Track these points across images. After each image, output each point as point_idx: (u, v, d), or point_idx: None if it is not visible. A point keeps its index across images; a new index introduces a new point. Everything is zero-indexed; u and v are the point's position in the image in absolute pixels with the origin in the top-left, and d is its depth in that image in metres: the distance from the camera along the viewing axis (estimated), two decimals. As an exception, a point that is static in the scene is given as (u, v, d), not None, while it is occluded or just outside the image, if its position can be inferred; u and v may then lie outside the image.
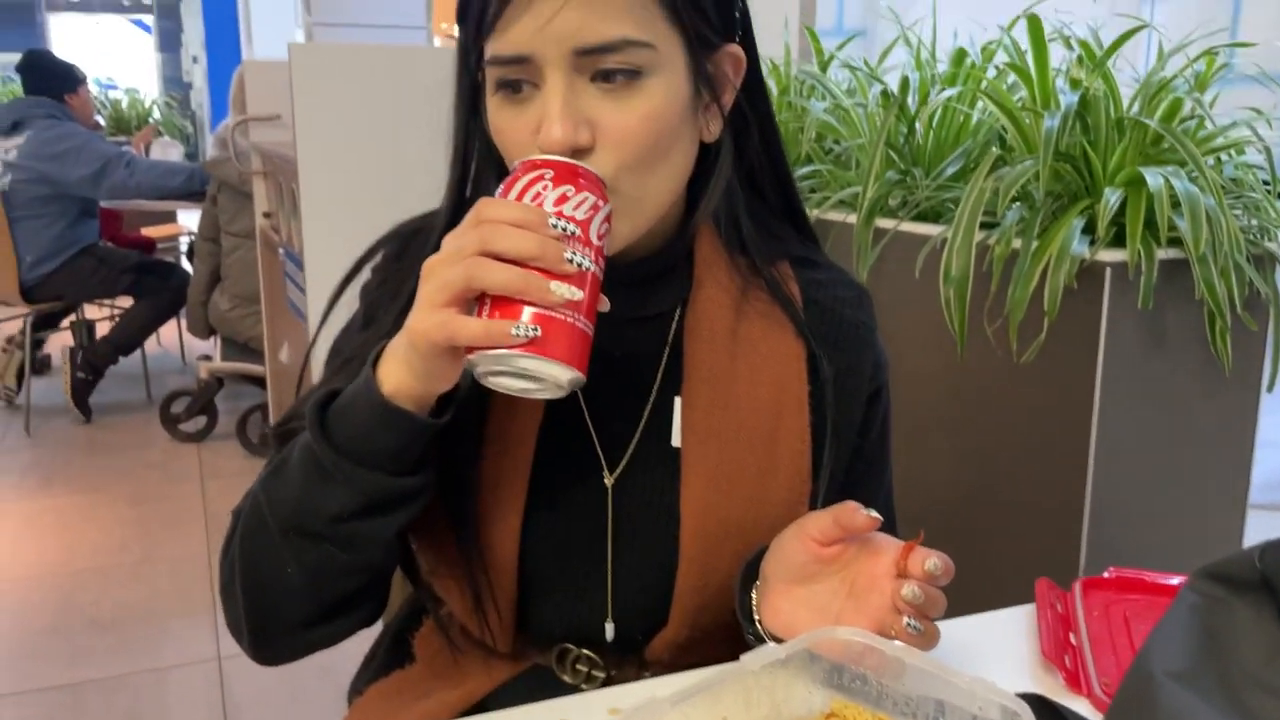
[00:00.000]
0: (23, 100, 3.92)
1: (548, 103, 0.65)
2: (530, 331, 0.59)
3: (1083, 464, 1.31)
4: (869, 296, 0.83)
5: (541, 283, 0.59)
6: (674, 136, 0.68)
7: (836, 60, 2.03)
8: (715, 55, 0.71)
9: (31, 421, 3.83)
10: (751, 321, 0.76)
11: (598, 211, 0.62)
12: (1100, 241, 1.30)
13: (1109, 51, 1.41)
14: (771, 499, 0.74)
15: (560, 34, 0.63)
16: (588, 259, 0.61)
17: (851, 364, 0.79)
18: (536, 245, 0.58)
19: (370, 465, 0.65)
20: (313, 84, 2.11)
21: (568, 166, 0.63)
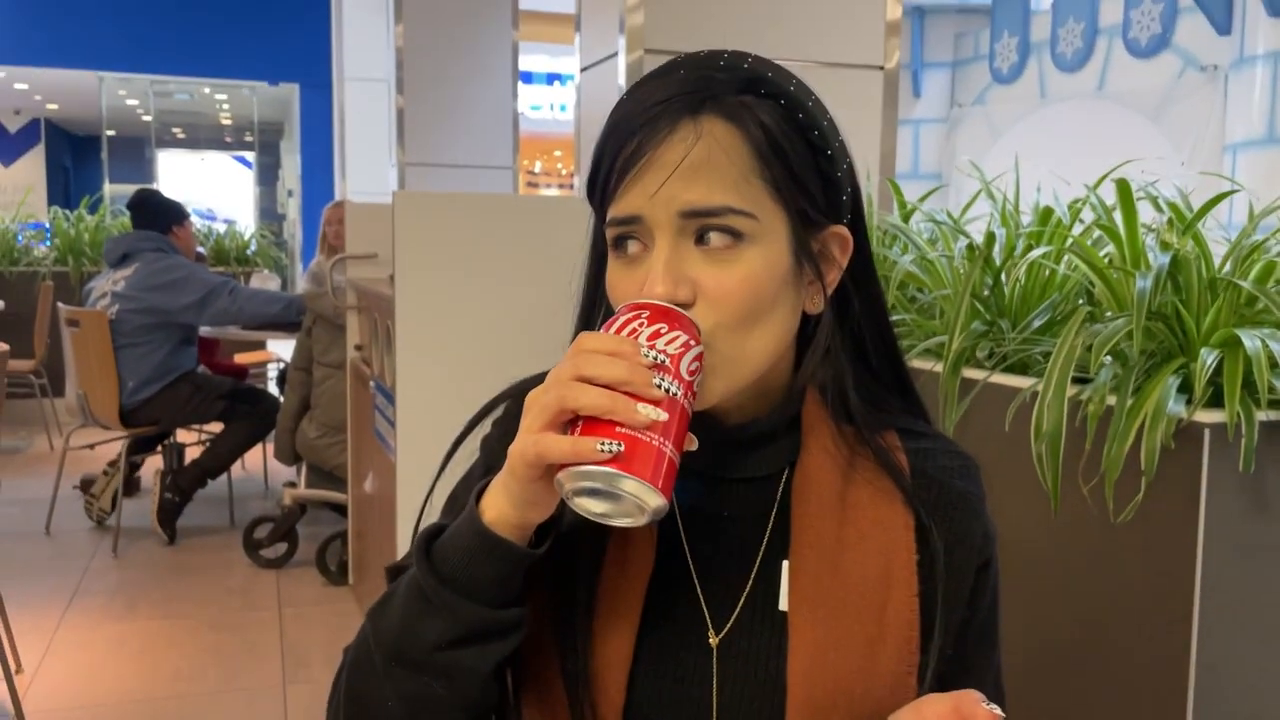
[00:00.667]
0: (131, 235, 4.16)
1: (654, 261, 0.70)
2: (614, 447, 0.62)
3: (1187, 628, 1.27)
4: (977, 467, 0.83)
5: (628, 404, 0.63)
6: (772, 302, 0.72)
7: (919, 211, 2.08)
8: (820, 234, 0.75)
9: (120, 542, 3.93)
10: (859, 488, 0.77)
11: (689, 349, 0.66)
12: (1197, 402, 1.28)
13: (1199, 214, 1.42)
14: (880, 670, 0.74)
15: (668, 198, 0.69)
16: (676, 388, 0.65)
17: (960, 534, 0.78)
18: (626, 370, 0.63)
19: (470, 595, 0.68)
20: (413, 228, 2.21)
21: (663, 308, 0.67)
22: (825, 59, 2.81)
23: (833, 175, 0.74)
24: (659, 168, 0.69)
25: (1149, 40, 5.79)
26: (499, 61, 4.39)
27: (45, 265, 6.28)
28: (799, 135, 0.72)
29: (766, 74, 0.72)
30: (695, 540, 0.78)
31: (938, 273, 1.88)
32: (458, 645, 0.69)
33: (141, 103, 12.18)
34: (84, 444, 4.25)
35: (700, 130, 0.69)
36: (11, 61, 10.04)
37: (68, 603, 3.38)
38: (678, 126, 0.69)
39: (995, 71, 6.95)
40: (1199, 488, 1.27)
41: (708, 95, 0.70)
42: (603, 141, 0.72)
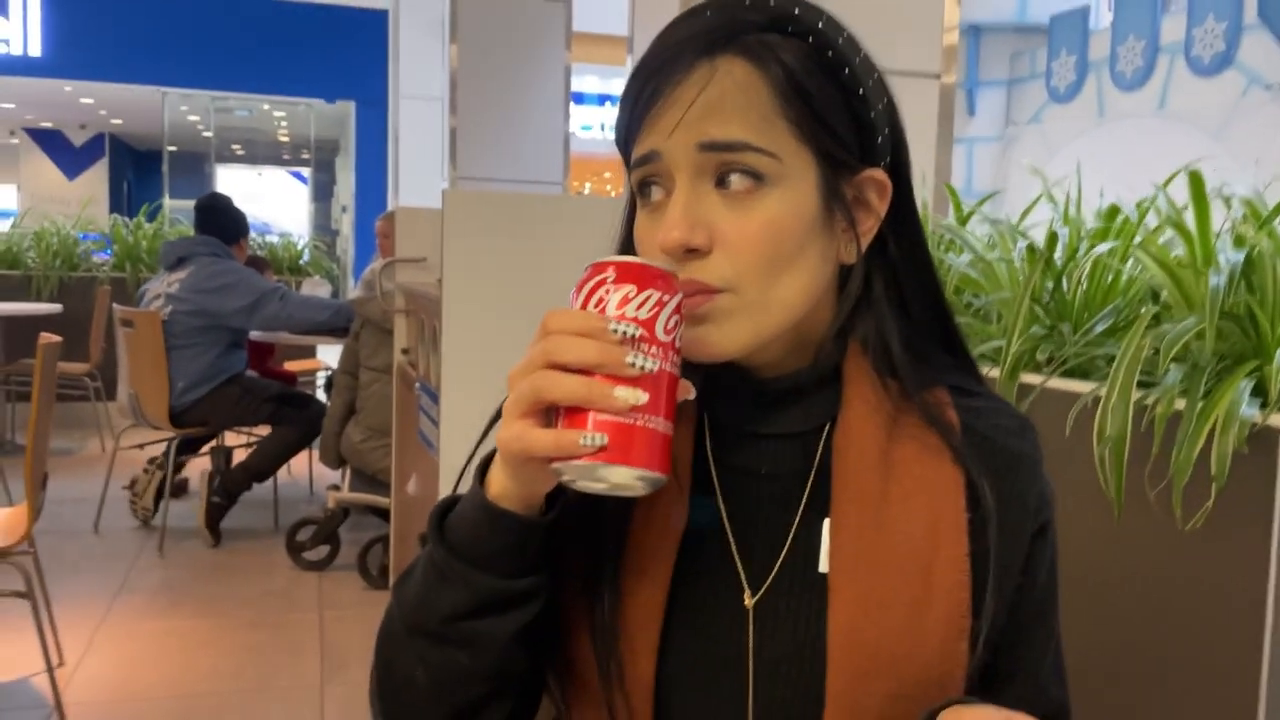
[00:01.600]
0: (189, 238, 4.22)
1: (671, 207, 0.69)
2: (598, 440, 0.61)
3: (1258, 641, 1.20)
4: (1033, 428, 0.78)
5: (605, 390, 0.61)
6: (798, 249, 0.69)
7: (976, 216, 2.03)
8: (855, 178, 0.72)
9: (165, 542, 3.96)
10: (904, 445, 0.73)
11: (663, 306, 0.63)
12: (1272, 405, 1.22)
13: (1276, 209, 1.36)
14: (927, 632, 0.69)
15: (685, 133, 0.68)
16: (653, 359, 0.62)
17: (1014, 494, 0.73)
18: (597, 353, 0.61)
19: (481, 566, 0.68)
20: (462, 227, 2.21)
21: (628, 266, 0.64)
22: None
23: (865, 116, 0.71)
24: (675, 106, 0.68)
25: (1212, 58, 5.68)
26: (551, 82, 4.42)
27: (103, 271, 6.40)
28: (827, 74, 0.69)
29: (793, 10, 0.69)
30: (730, 498, 0.75)
31: (995, 276, 1.83)
32: (473, 615, 0.68)
33: (202, 119, 12.44)
34: (134, 444, 4.30)
35: (716, 69, 0.67)
36: (78, 76, 10.32)
37: (112, 599, 3.41)
38: (695, 66, 0.68)
39: (1052, 90, 6.86)
40: (1273, 494, 1.21)
41: (728, 35, 0.68)
42: (627, 85, 0.71)
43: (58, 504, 4.43)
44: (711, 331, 0.69)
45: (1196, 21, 5.77)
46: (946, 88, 2.73)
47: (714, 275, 0.68)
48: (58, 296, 6.17)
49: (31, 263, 6.34)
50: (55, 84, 10.65)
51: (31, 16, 9.64)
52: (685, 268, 0.68)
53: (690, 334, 0.68)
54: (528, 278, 2.24)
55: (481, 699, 0.71)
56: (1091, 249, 1.61)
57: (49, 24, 9.78)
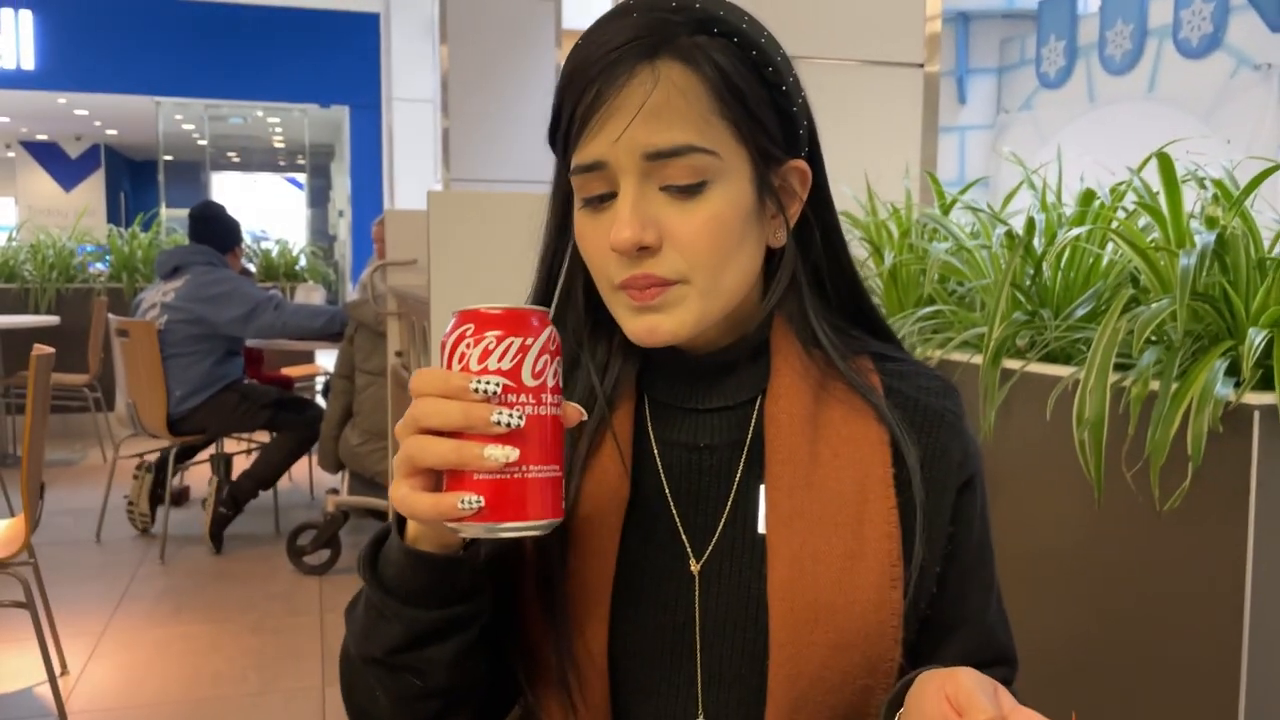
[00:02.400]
0: (184, 248, 4.23)
1: (619, 207, 0.71)
2: (474, 503, 0.61)
3: (1238, 619, 1.21)
4: (955, 390, 0.82)
5: (475, 451, 0.61)
6: (739, 239, 0.73)
7: (959, 204, 2.04)
8: (780, 169, 0.76)
9: (166, 550, 3.98)
10: (831, 408, 0.77)
11: (527, 351, 0.63)
12: (1246, 383, 1.23)
13: (1247, 190, 1.37)
14: (860, 583, 0.73)
15: (631, 143, 0.69)
16: (519, 413, 0.62)
17: (938, 450, 0.78)
18: (461, 416, 0.61)
19: (412, 603, 0.69)
20: (448, 227, 2.22)
21: (486, 316, 0.63)
22: (865, 57, 2.79)
23: (788, 110, 0.75)
24: (619, 113, 0.69)
25: (1200, 40, 5.68)
26: (542, 81, 4.42)
27: (100, 282, 6.42)
28: (754, 73, 0.72)
29: (718, 13, 0.72)
30: (672, 472, 0.79)
31: (977, 263, 1.84)
32: (414, 647, 0.71)
33: (197, 127, 12.45)
34: (134, 454, 4.32)
35: (658, 74, 0.69)
36: (72, 88, 10.33)
37: (114, 607, 3.43)
38: (636, 71, 0.69)
39: (1042, 76, 6.86)
40: (1249, 473, 1.22)
41: (662, 38, 0.70)
42: (562, 88, 0.73)
43: (59, 515, 4.45)
44: (662, 320, 0.72)
45: (1184, 4, 5.77)
46: (930, 77, 2.74)
47: (667, 269, 0.71)
48: (55, 309, 6.19)
49: (28, 275, 6.36)
50: (49, 96, 10.66)
51: (24, 29, 9.65)
52: (639, 264, 0.72)
53: (642, 322, 0.73)
54: (516, 276, 2.24)
55: (443, 709, 0.75)
56: (1069, 232, 1.62)
57: (41, 37, 9.79)
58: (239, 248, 4.36)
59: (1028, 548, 1.54)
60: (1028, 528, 1.56)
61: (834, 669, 0.72)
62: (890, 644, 0.73)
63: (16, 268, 6.39)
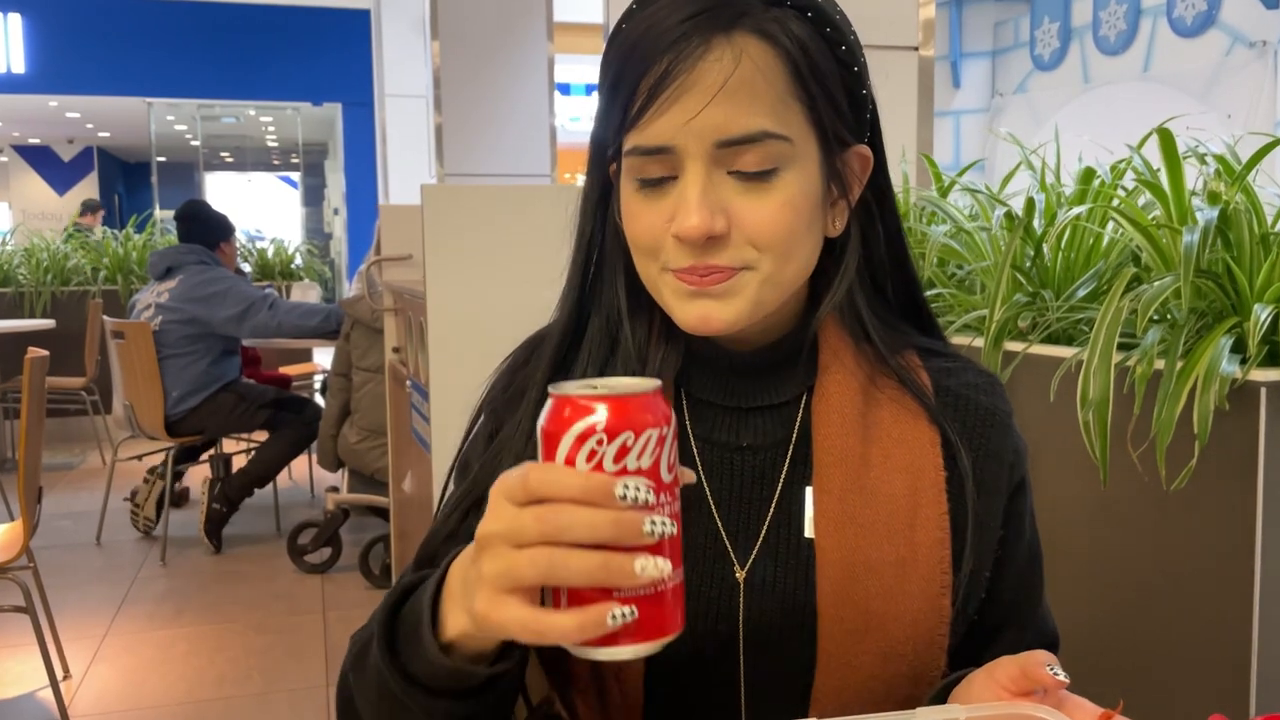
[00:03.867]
0: (176, 248, 4.21)
1: (686, 191, 0.66)
2: (627, 615, 0.52)
3: (1248, 596, 1.20)
4: (1001, 384, 0.79)
5: (626, 566, 0.52)
6: (807, 226, 0.69)
7: (957, 186, 2.02)
8: (845, 154, 0.72)
9: (167, 552, 3.96)
10: (881, 407, 0.74)
11: (663, 445, 0.54)
12: (1252, 360, 1.22)
13: (1249, 165, 1.36)
14: (912, 591, 0.70)
15: (704, 128, 0.64)
16: (666, 516, 0.53)
17: (989, 451, 0.75)
18: (611, 528, 0.52)
19: (442, 695, 0.61)
20: (443, 222, 2.20)
21: (617, 403, 0.53)
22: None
23: (859, 92, 0.71)
24: (695, 92, 0.64)
25: (1194, 18, 5.65)
26: (535, 75, 4.40)
27: (95, 284, 6.40)
28: (830, 51, 0.68)
29: None
30: (713, 474, 0.76)
31: (977, 246, 1.82)
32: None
33: (190, 128, 12.41)
34: (132, 456, 4.30)
35: (737, 49, 0.64)
36: (63, 91, 10.29)
37: (115, 610, 3.41)
38: (712, 45, 0.64)
39: (1036, 58, 6.84)
40: (1256, 449, 1.20)
41: (739, 10, 0.65)
42: (620, 62, 0.67)
43: (59, 518, 4.43)
44: (718, 309, 0.68)
45: (1177, -18, 5.75)
46: (925, 60, 2.72)
47: (732, 258, 0.67)
48: (50, 312, 6.16)
49: (23, 279, 6.33)
50: (40, 100, 10.63)
51: (13, 33, 9.60)
52: (703, 254, 0.67)
53: (695, 309, 0.68)
54: (512, 269, 2.23)
55: None
56: (1069, 211, 1.60)
57: (31, 40, 9.74)
58: (231, 239, 4.34)
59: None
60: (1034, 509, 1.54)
61: (881, 679, 0.70)
62: (938, 652, 0.71)
63: (10, 272, 6.36)
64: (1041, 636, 0.80)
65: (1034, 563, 0.80)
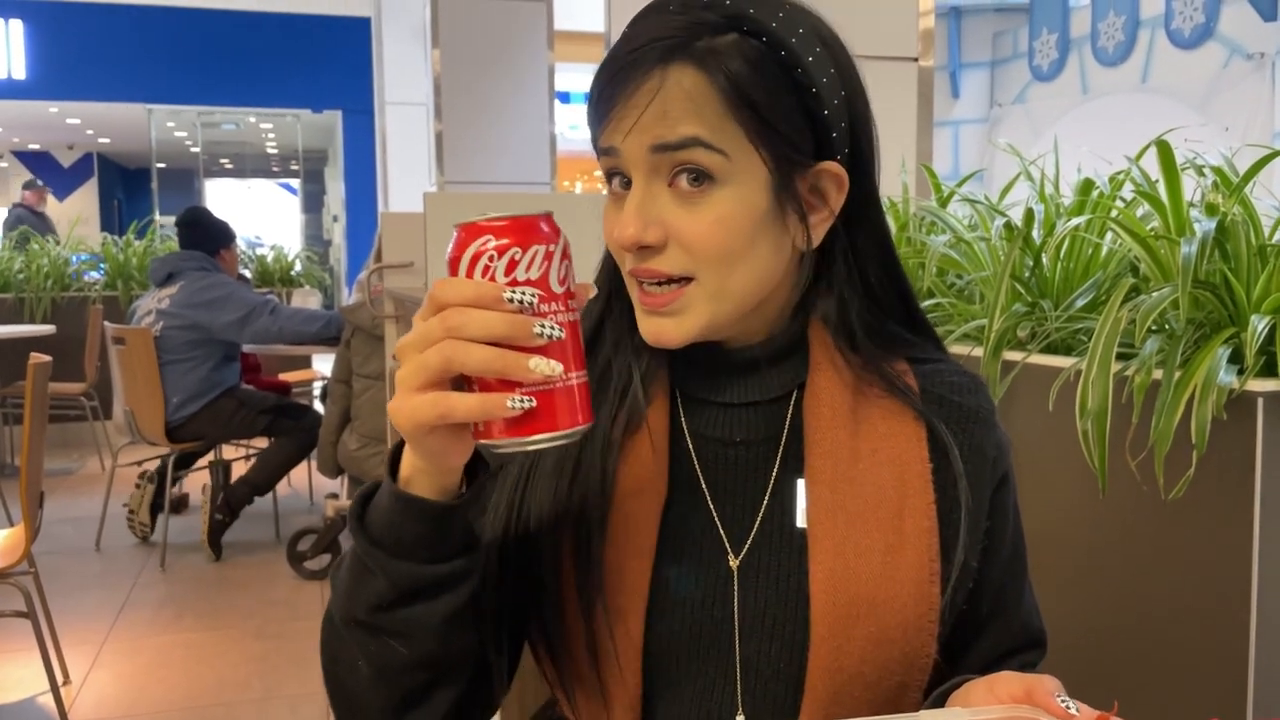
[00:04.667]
0: (177, 254, 4.22)
1: (627, 203, 0.72)
2: (525, 403, 0.60)
3: (1245, 606, 1.21)
4: (983, 384, 0.83)
5: (520, 361, 0.59)
6: (748, 241, 0.71)
7: (956, 197, 2.03)
8: (806, 173, 0.74)
9: (167, 558, 3.97)
10: (870, 403, 0.77)
11: (551, 259, 0.62)
12: (1249, 371, 1.23)
13: (1247, 177, 1.37)
14: (901, 577, 0.73)
15: (640, 135, 0.70)
16: (555, 322, 0.61)
17: (973, 446, 0.79)
18: (503, 326, 0.59)
19: (400, 555, 0.67)
20: (446, 229, 2.21)
21: (503, 226, 0.62)
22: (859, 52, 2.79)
23: (819, 113, 0.72)
24: (630, 111, 0.70)
25: (1193, 30, 5.68)
26: (535, 83, 4.42)
27: (95, 290, 6.41)
28: (780, 75, 0.70)
29: (749, 10, 0.70)
30: (708, 467, 0.79)
31: (976, 256, 1.83)
32: (399, 604, 0.68)
33: (190, 134, 12.44)
34: (132, 461, 4.31)
35: (667, 77, 0.69)
36: (63, 97, 10.31)
37: (115, 616, 3.42)
38: (649, 74, 0.69)
39: (1035, 69, 6.87)
40: (1254, 460, 1.21)
41: (683, 41, 0.69)
42: (593, 81, 0.74)
43: (59, 524, 4.43)
44: (669, 325, 0.73)
45: (1176, -6, 5.78)
46: (925, 71, 2.74)
47: (672, 265, 0.71)
48: (51, 318, 6.17)
49: (23, 285, 6.34)
50: (40, 105, 10.65)
51: (14, 39, 9.63)
52: (644, 259, 0.72)
53: (650, 325, 0.73)
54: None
55: (426, 684, 0.72)
56: (1068, 222, 1.61)
57: (32, 46, 9.77)
58: (233, 245, 4.35)
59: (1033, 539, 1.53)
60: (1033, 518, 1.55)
61: (873, 663, 0.72)
62: (928, 639, 0.73)
63: (11, 278, 6.37)
64: (1027, 631, 0.83)
65: (1017, 554, 0.84)
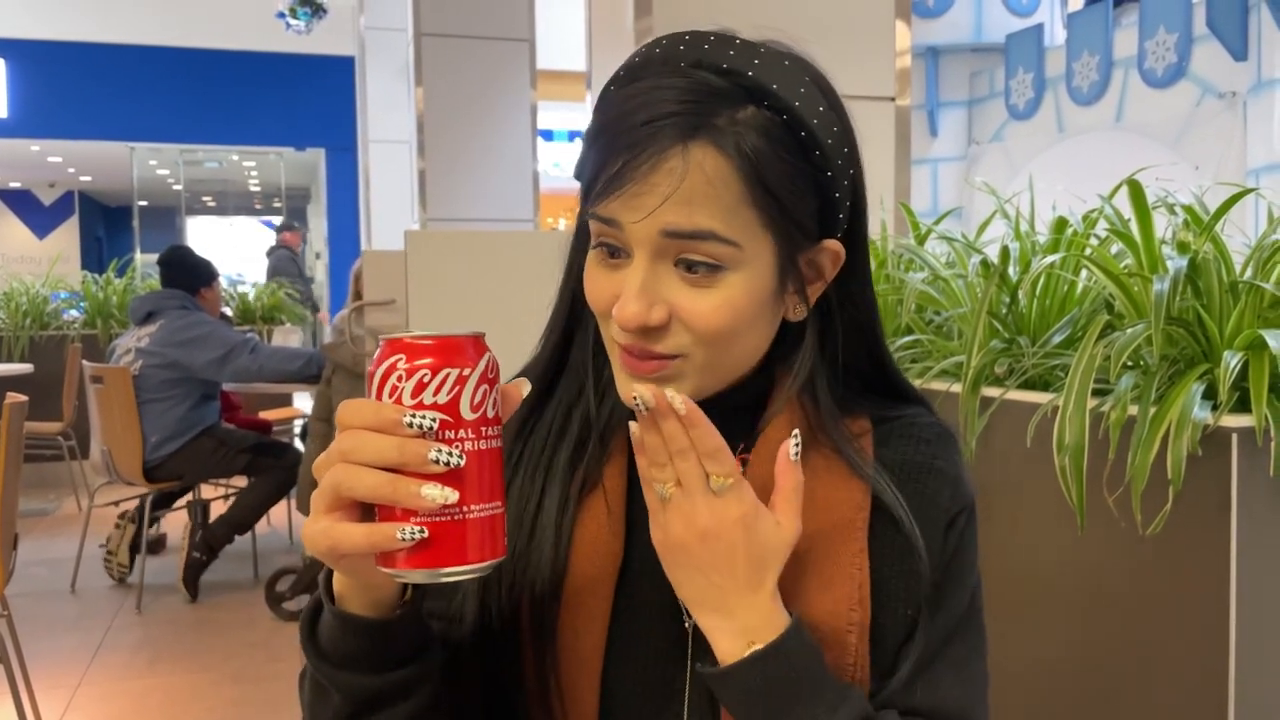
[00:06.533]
0: (157, 293, 4.20)
1: (629, 279, 0.67)
2: (416, 534, 0.57)
3: (1224, 640, 1.21)
4: (951, 439, 0.79)
5: (411, 488, 0.57)
6: (750, 323, 0.70)
7: (934, 234, 2.05)
8: (810, 252, 0.72)
9: (143, 599, 3.91)
10: (817, 453, 0.75)
11: (464, 383, 0.59)
12: (1223, 406, 1.24)
13: (1217, 214, 1.39)
14: (824, 624, 0.70)
15: (651, 220, 0.66)
16: (458, 450, 0.58)
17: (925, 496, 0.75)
18: (396, 452, 0.57)
19: (345, 666, 0.65)
20: (426, 267, 2.22)
21: (419, 346, 0.59)
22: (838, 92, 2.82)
23: (830, 194, 0.70)
24: (647, 193, 0.65)
25: (1165, 70, 5.78)
26: (518, 121, 4.45)
27: (74, 329, 6.36)
28: (799, 155, 0.68)
29: (771, 85, 0.67)
30: None
31: (953, 292, 1.85)
32: (356, 717, 0.67)
33: (172, 172, 12.44)
34: (109, 501, 4.26)
35: (689, 160, 0.65)
36: (45, 135, 10.30)
37: (90, 659, 3.36)
38: (667, 154, 0.65)
39: (1011, 108, 6.96)
40: (1229, 495, 1.22)
41: (701, 116, 0.65)
42: (593, 134, 0.69)
43: (34, 565, 4.37)
44: None
45: (1148, 34, 5.88)
46: (902, 110, 2.77)
47: (670, 346, 0.69)
48: (29, 356, 6.12)
49: (1, 323, 6.30)
50: (22, 144, 10.63)
51: (-5, 78, 9.63)
52: (642, 338, 0.68)
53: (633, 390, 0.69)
54: (495, 314, 2.24)
55: None
56: (1043, 260, 1.63)
57: (14, 84, 9.77)
58: (215, 284, 4.33)
59: (1012, 574, 1.53)
60: (1011, 554, 1.56)
61: None
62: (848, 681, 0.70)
63: (-12, 316, 6.33)
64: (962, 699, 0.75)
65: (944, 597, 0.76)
